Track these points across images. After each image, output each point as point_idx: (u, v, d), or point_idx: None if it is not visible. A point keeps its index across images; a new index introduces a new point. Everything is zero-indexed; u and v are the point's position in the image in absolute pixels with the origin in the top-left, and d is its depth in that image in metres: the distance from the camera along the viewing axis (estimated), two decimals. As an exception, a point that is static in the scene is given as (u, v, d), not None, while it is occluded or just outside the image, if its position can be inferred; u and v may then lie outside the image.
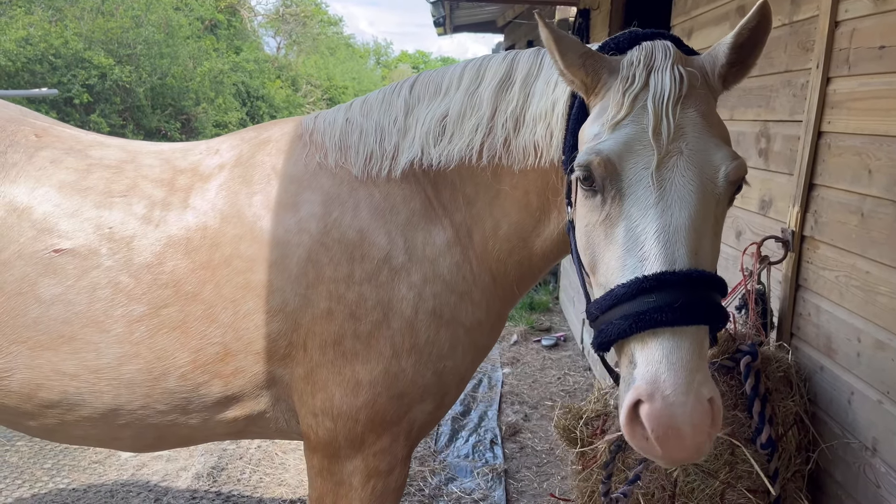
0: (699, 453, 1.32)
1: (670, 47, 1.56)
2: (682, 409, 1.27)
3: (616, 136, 1.48)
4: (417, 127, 2.02)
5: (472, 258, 2.02)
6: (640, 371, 1.33)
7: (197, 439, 2.21)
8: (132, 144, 2.27)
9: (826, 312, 2.33)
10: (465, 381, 2.18)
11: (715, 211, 1.47)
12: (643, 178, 1.44)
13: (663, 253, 1.37)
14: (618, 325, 1.39)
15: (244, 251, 1.98)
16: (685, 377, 1.29)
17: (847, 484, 2.17)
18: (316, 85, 29.52)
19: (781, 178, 2.69)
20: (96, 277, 1.94)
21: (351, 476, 2.06)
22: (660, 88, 1.49)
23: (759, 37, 1.53)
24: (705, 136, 1.47)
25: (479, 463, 4.55)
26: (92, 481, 4.14)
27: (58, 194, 2.01)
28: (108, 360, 1.95)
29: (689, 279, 1.35)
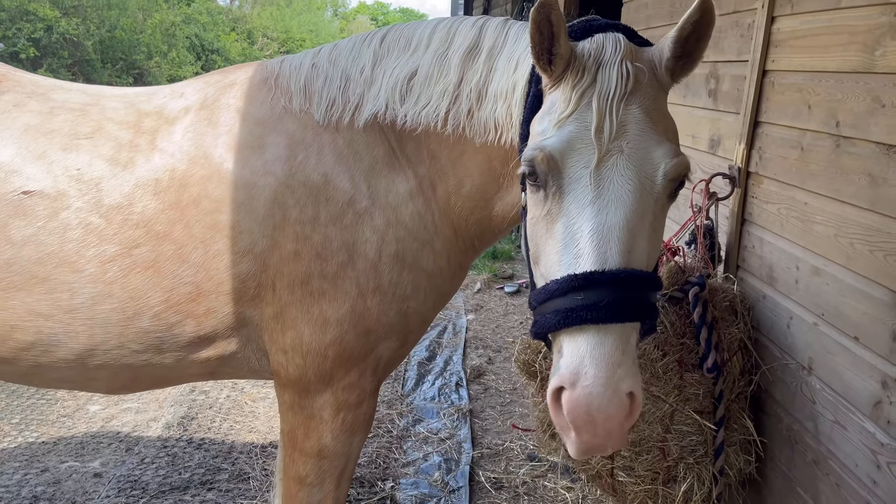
0: (615, 442, 1.41)
1: (621, 41, 1.58)
2: (599, 399, 1.34)
3: (560, 134, 1.52)
4: (384, 80, 2.05)
5: (434, 210, 2.08)
6: (566, 361, 1.41)
7: (171, 380, 2.26)
8: (93, 88, 2.26)
9: (768, 244, 2.46)
10: (427, 322, 2.26)
11: (653, 208, 1.50)
12: (583, 176, 1.48)
13: (595, 252, 1.43)
14: (550, 318, 1.46)
15: (212, 192, 2.01)
16: (606, 371, 1.36)
17: (785, 402, 2.33)
18: (272, 38, 28.78)
19: (729, 118, 2.79)
20: (67, 218, 1.96)
21: (321, 409, 2.14)
22: (606, 86, 1.51)
23: (703, 30, 1.54)
24: (647, 133, 1.50)
25: (445, 404, 4.69)
26: (62, 434, 4.17)
27: (24, 136, 2.01)
28: (81, 300, 1.97)
29: (617, 279, 1.41)
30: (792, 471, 2.28)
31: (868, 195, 1.94)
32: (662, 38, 1.63)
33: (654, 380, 2.37)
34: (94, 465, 3.87)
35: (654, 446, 2.39)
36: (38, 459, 3.89)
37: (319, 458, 2.20)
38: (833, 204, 2.09)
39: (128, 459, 3.92)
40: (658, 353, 2.37)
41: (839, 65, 2.08)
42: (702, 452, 2.35)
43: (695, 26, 1.52)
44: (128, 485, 3.69)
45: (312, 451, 2.20)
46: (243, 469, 3.85)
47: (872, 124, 1.93)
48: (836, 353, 2.07)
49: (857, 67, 2.00)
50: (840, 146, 2.07)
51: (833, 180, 2.10)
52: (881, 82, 1.90)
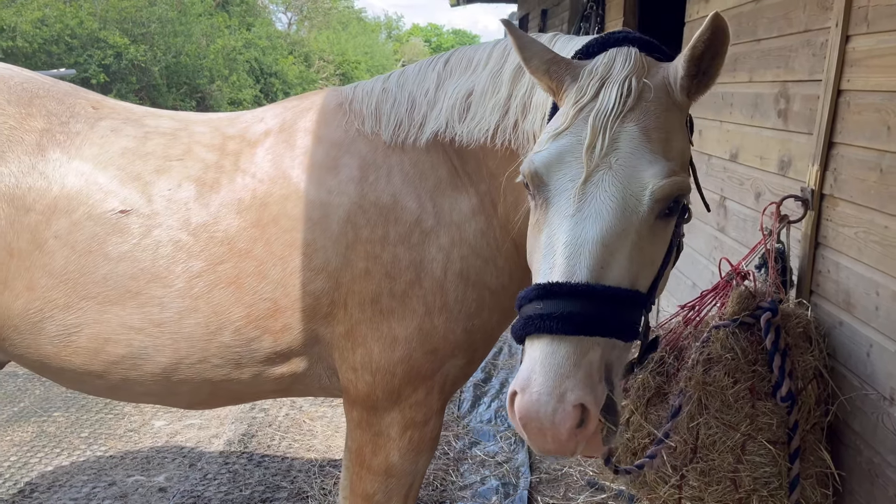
0: (564, 450, 1.40)
1: (632, 56, 1.58)
2: (544, 408, 1.34)
3: (551, 148, 1.54)
4: (445, 100, 2.11)
5: (495, 227, 2.11)
6: (522, 367, 1.42)
7: (246, 396, 2.34)
8: (181, 114, 2.41)
9: (845, 268, 2.37)
10: (492, 339, 2.29)
11: (638, 227, 1.48)
12: (568, 189, 1.50)
13: (564, 265, 1.44)
14: (517, 324, 1.48)
15: (290, 210, 2.09)
16: (552, 381, 1.36)
17: (865, 434, 2.23)
18: (328, 60, 29.44)
19: (801, 138, 2.71)
20: (159, 235, 2.07)
21: (389, 427, 2.18)
22: (604, 103, 1.52)
23: (717, 48, 1.52)
24: (640, 151, 1.49)
25: (502, 427, 4.64)
26: (128, 448, 4.28)
27: (121, 159, 2.13)
28: (170, 314, 2.07)
29: (575, 291, 1.40)
30: (873, 507, 2.18)
31: (956, 219, 1.85)
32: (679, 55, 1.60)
33: (724, 408, 2.30)
34: (159, 479, 3.96)
35: (724, 476, 2.31)
36: (105, 473, 4.00)
37: (387, 477, 2.23)
38: (917, 228, 2.01)
39: (191, 475, 4.00)
40: (729, 381, 2.30)
41: (922, 84, 2.01)
42: (776, 485, 2.26)
43: (707, 45, 1.50)
44: (191, 500, 3.76)
45: (380, 468, 2.22)
46: (302, 488, 3.89)
47: (960, 146, 1.85)
48: (921, 385, 1.97)
49: (942, 87, 1.93)
50: (924, 168, 1.99)
51: (916, 203, 2.01)
52: (969, 102, 1.83)
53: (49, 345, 2.09)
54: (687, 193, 1.54)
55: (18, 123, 2.11)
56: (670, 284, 4.36)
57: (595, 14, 6.87)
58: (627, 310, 1.47)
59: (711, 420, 2.30)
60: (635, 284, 1.50)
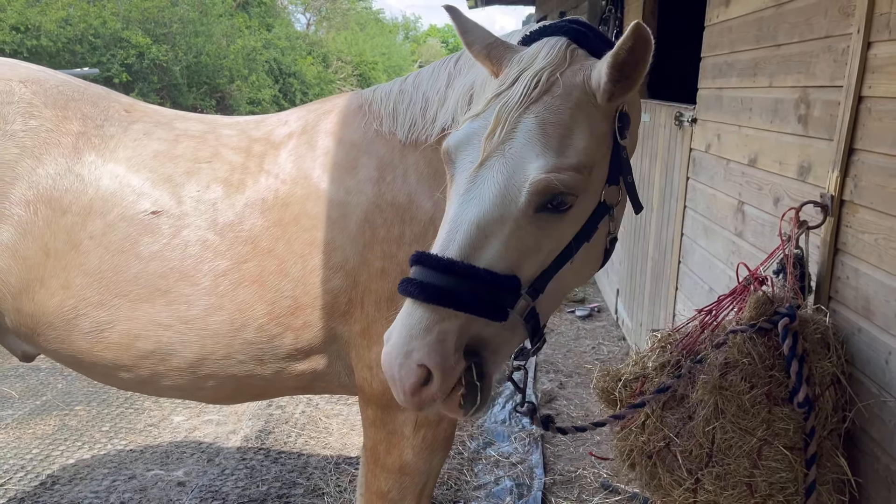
0: (411, 404, 1.51)
1: (556, 49, 1.62)
2: (391, 360, 1.47)
3: (464, 129, 1.62)
4: (452, 97, 2.15)
5: None
6: (393, 322, 1.54)
7: (269, 392, 2.40)
8: (208, 117, 2.47)
9: (865, 275, 2.37)
10: None
11: (517, 217, 1.52)
12: (466, 170, 1.57)
13: (442, 239, 1.53)
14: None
15: (310, 210, 2.15)
16: (402, 339, 1.47)
17: (883, 441, 2.22)
18: (346, 61, 29.57)
19: (821, 144, 2.71)
20: (188, 236, 2.13)
21: (403, 426, 2.21)
22: (512, 94, 1.58)
23: (639, 55, 1.53)
24: (531, 144, 1.53)
25: (516, 428, 4.66)
26: (148, 443, 4.35)
27: (153, 162, 2.20)
28: (197, 312, 2.13)
29: (440, 264, 1.48)
30: (890, 514, 2.17)
31: (977, 227, 1.85)
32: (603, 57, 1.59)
33: (740, 413, 2.30)
34: (177, 473, 4.02)
35: (740, 481, 2.31)
36: (126, 467, 4.07)
37: (401, 475, 2.26)
38: (937, 235, 2.00)
39: (209, 470, 4.05)
40: (745, 386, 2.30)
41: (944, 91, 2.00)
42: (792, 490, 2.26)
43: (629, 53, 1.52)
44: (209, 495, 3.82)
45: (394, 467, 2.26)
46: (318, 485, 3.93)
47: (982, 154, 1.85)
48: (940, 392, 1.97)
49: (965, 94, 1.92)
50: (945, 176, 1.99)
51: (937, 211, 2.01)
52: None
53: (82, 340, 2.15)
54: (572, 193, 1.56)
55: (55, 126, 2.17)
56: (686, 288, 4.35)
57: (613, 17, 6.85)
58: (490, 290, 1.52)
59: (728, 424, 2.30)
60: (514, 270, 1.55)
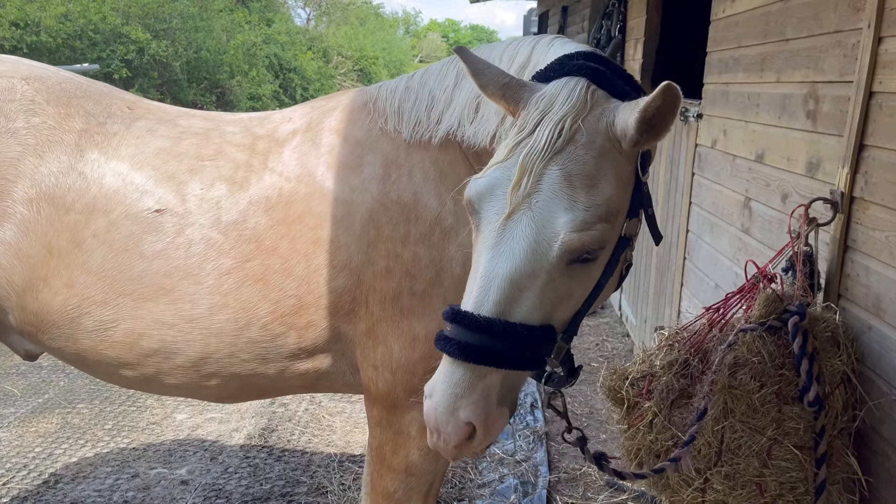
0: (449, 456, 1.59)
1: (576, 93, 1.58)
2: (438, 416, 1.51)
3: (487, 178, 1.59)
4: (459, 98, 2.12)
5: None
6: (434, 376, 1.57)
7: (273, 391, 2.38)
8: (212, 114, 2.45)
9: (875, 273, 2.34)
10: None
11: (549, 270, 1.52)
12: (493, 221, 1.55)
13: (476, 295, 1.52)
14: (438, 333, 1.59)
15: (314, 208, 2.13)
16: (447, 397, 1.51)
17: (894, 440, 2.20)
18: (347, 56, 29.48)
19: (830, 140, 2.68)
20: (191, 234, 2.12)
21: (409, 426, 2.20)
22: (535, 143, 1.54)
23: (667, 110, 1.52)
24: (558, 198, 1.51)
25: (521, 426, 4.64)
26: (150, 441, 4.33)
27: (156, 159, 2.18)
28: (201, 311, 2.11)
29: (476, 324, 1.49)
30: (901, 514, 2.16)
31: None
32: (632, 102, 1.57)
33: (750, 412, 2.28)
34: (181, 472, 4.00)
35: (749, 481, 2.29)
36: (129, 465, 4.06)
37: (407, 475, 2.25)
38: (951, 233, 1.98)
39: (212, 468, 4.04)
40: (755, 385, 2.28)
41: (958, 87, 1.98)
42: (802, 490, 2.24)
43: (657, 111, 1.51)
44: (213, 493, 3.80)
45: (400, 467, 2.24)
46: (321, 483, 3.92)
47: None
48: (953, 392, 1.94)
49: (980, 90, 1.90)
50: (959, 172, 1.96)
51: (951, 208, 1.98)
52: None
53: (86, 339, 2.14)
54: (602, 247, 1.56)
55: (58, 124, 2.15)
56: (692, 284, 4.33)
57: (617, 11, 6.81)
58: (528, 345, 1.54)
59: (737, 424, 2.28)
60: (549, 320, 1.56)
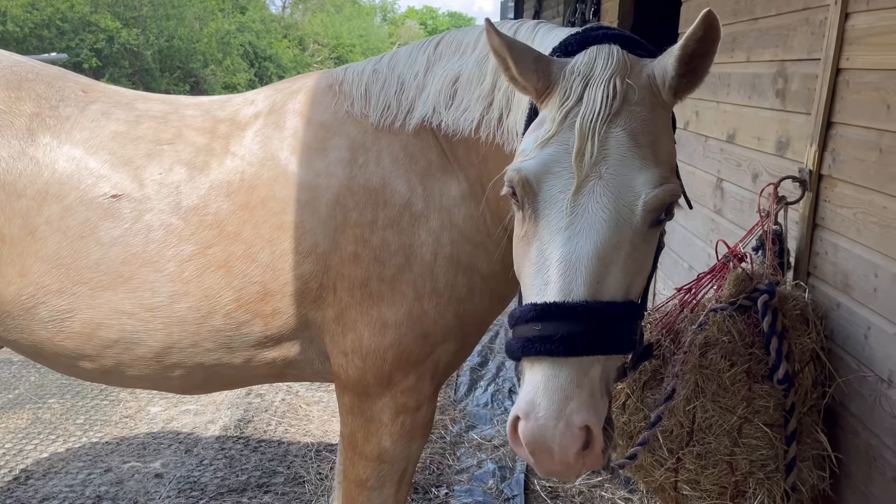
0: (570, 472, 1.41)
1: (614, 55, 1.52)
2: (551, 432, 1.34)
3: (540, 156, 1.48)
4: (433, 84, 2.08)
5: (486, 212, 2.08)
6: (523, 390, 1.40)
7: (240, 381, 2.33)
8: (171, 98, 2.38)
9: (843, 250, 2.35)
10: (484, 324, 2.28)
11: (632, 238, 1.44)
12: (558, 201, 1.44)
13: (560, 282, 1.39)
14: (513, 344, 1.44)
15: (278, 193, 2.07)
16: (557, 404, 1.34)
17: (863, 416, 2.22)
18: (323, 44, 29.23)
19: (799, 119, 2.68)
20: (150, 220, 2.05)
21: (381, 413, 2.17)
22: (590, 107, 1.45)
23: (708, 46, 1.47)
24: (629, 158, 1.44)
25: (499, 411, 4.65)
26: (124, 434, 4.28)
27: (112, 143, 2.11)
28: (161, 299, 2.06)
29: (574, 311, 1.37)
30: (869, 488, 2.17)
31: (956, 199, 1.83)
32: (666, 51, 1.53)
33: (720, 391, 2.28)
34: (155, 465, 3.95)
35: (721, 460, 2.30)
36: (101, 459, 4.00)
37: (379, 462, 2.22)
38: (916, 208, 1.98)
39: (187, 461, 3.99)
40: (725, 364, 2.28)
41: (923, 62, 1.97)
42: (773, 467, 2.25)
43: (699, 43, 1.45)
44: (188, 486, 3.76)
45: (372, 454, 2.21)
46: (299, 472, 3.89)
47: (961, 124, 1.82)
48: (920, 366, 1.96)
49: (944, 64, 1.89)
50: (924, 147, 1.96)
51: (916, 184, 1.99)
52: (971, 80, 1.80)
53: (42, 330, 2.08)
54: (678, 199, 1.51)
55: (8, 107, 2.09)
56: (666, 266, 4.34)
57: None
58: (624, 323, 1.46)
59: (708, 403, 2.29)
60: (629, 295, 1.48)
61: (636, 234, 1.45)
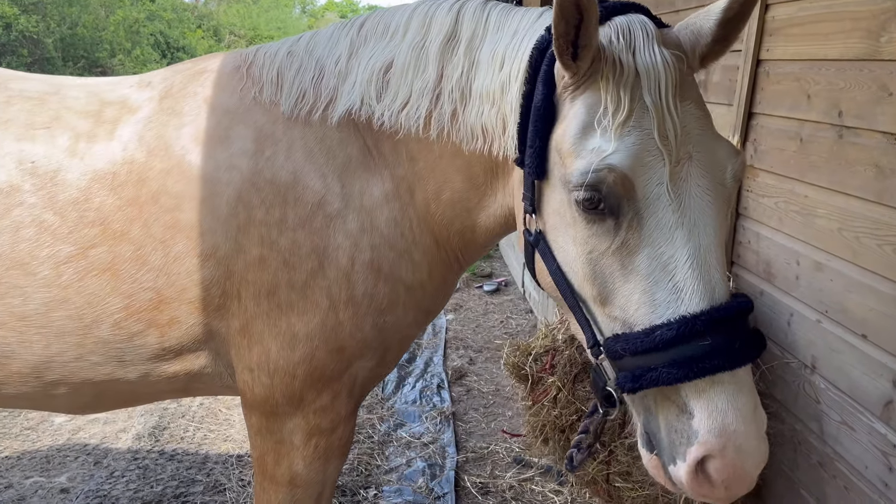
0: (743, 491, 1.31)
1: (648, 23, 1.40)
2: (755, 456, 1.25)
3: (623, 147, 1.31)
4: (359, 72, 1.87)
5: (412, 217, 1.90)
6: (706, 423, 1.25)
7: (139, 398, 2.10)
8: (57, 78, 2.10)
9: (766, 238, 2.39)
10: (406, 339, 2.07)
11: (726, 215, 1.38)
12: (661, 195, 1.30)
13: (701, 285, 1.27)
14: (666, 373, 1.27)
15: (171, 187, 1.84)
16: (754, 424, 1.25)
17: (787, 402, 2.26)
18: (240, 35, 28.38)
19: (721, 109, 2.71)
20: (20, 216, 1.80)
21: (291, 434, 1.98)
22: (654, 79, 1.32)
23: (747, 8, 1.39)
24: (707, 131, 1.36)
25: (427, 407, 4.57)
26: (25, 448, 3.97)
27: None
28: (35, 306, 1.82)
29: (741, 313, 1.27)
30: (795, 473, 2.21)
31: (875, 187, 1.87)
32: (693, 16, 1.46)
33: (651, 381, 2.28)
34: (60, 479, 3.68)
35: (652, 450, 2.30)
36: (1, 475, 3.70)
37: (292, 487, 2.03)
38: (836, 197, 2.02)
39: (96, 473, 3.74)
40: (655, 354, 2.28)
41: (841, 52, 2.01)
42: (702, 456, 2.27)
43: (743, 5, 1.37)
44: (96, 500, 3.52)
45: (284, 479, 2.02)
46: (219, 480, 3.70)
47: (879, 113, 1.86)
48: (841, 351, 2.00)
49: (861, 55, 1.93)
50: (843, 137, 2.00)
51: (836, 172, 2.03)
52: (888, 69, 1.84)
53: None
54: None
55: None
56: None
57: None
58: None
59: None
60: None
61: (728, 209, 1.38)
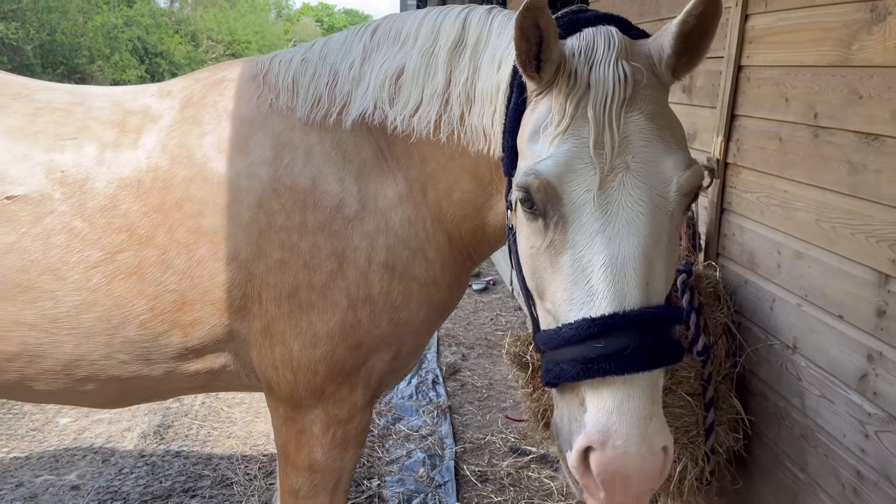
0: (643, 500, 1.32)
1: (614, 36, 1.43)
2: (634, 459, 1.25)
3: (557, 154, 1.36)
4: (372, 77, 1.95)
5: (425, 216, 1.97)
6: (592, 417, 1.29)
7: (162, 393, 2.19)
8: (81, 88, 2.19)
9: (749, 231, 2.57)
10: (420, 334, 2.14)
11: (668, 229, 1.36)
12: (587, 201, 1.33)
13: (611, 290, 1.30)
14: (567, 369, 1.33)
15: (195, 194, 1.93)
16: (638, 427, 1.26)
17: (771, 381, 2.44)
18: (217, 40, 28.32)
19: (704, 112, 2.90)
20: (50, 223, 1.89)
21: (312, 424, 2.08)
22: (602, 92, 1.35)
23: (708, 22, 1.38)
24: (654, 143, 1.36)
25: (424, 402, 4.72)
26: (32, 448, 4.05)
27: (7, 140, 1.93)
28: (66, 309, 1.90)
29: (641, 321, 1.28)
30: (779, 445, 2.39)
31: (848, 182, 2.05)
32: (661, 29, 1.50)
33: (646, 365, 2.45)
34: (70, 477, 3.77)
35: (648, 429, 2.47)
36: (10, 475, 3.78)
37: (311, 472, 2.15)
38: (813, 191, 2.21)
39: (105, 470, 3.83)
40: (650, 339, 2.45)
41: (816, 59, 2.20)
42: (694, 433, 2.44)
43: (699, 19, 1.37)
44: (108, 496, 3.62)
45: (304, 465, 2.14)
46: (226, 474, 3.81)
47: (851, 114, 2.05)
48: (820, 332, 2.18)
49: (834, 61, 2.12)
50: (819, 136, 2.19)
51: (813, 169, 2.21)
52: (858, 75, 2.02)
53: None
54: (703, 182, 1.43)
55: None
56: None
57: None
58: (676, 324, 1.38)
59: (635, 377, 2.45)
60: (667, 291, 1.39)
61: (670, 223, 1.37)
